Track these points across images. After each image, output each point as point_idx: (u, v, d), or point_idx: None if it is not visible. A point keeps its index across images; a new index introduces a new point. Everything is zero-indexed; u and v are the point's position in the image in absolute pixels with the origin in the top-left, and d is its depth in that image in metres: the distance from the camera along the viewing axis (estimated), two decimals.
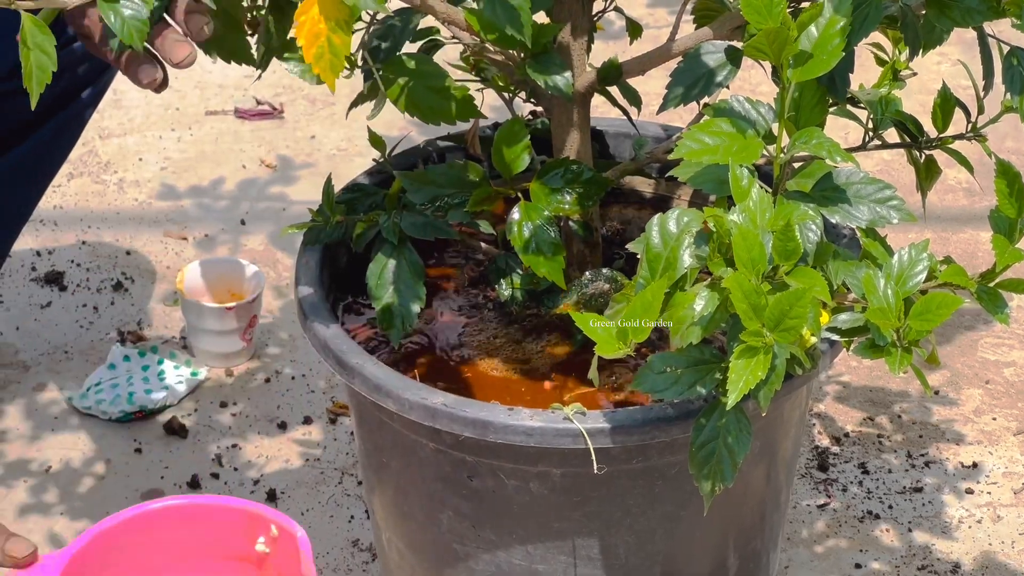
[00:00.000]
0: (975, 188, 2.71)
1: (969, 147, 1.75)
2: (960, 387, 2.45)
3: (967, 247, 2.57)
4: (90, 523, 2.19)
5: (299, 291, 1.81)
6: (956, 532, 2.21)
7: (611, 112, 1.97)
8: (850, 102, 1.70)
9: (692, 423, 1.52)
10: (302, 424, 2.38)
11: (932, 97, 1.78)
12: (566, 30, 1.70)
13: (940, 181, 1.83)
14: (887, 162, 2.52)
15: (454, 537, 1.84)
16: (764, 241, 1.38)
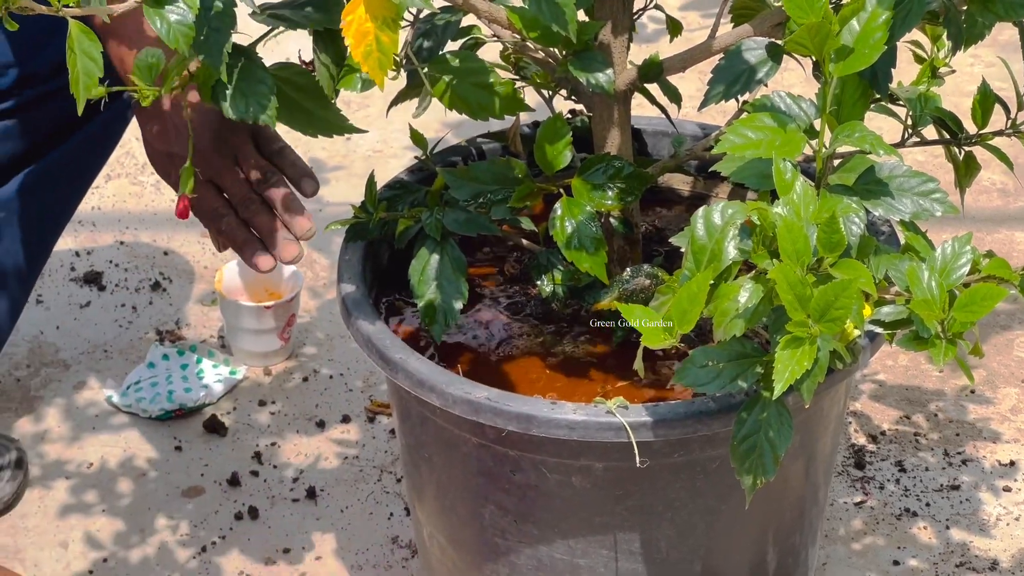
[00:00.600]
0: (1009, 189, 2.71)
1: (1007, 145, 1.73)
2: (997, 386, 2.44)
3: (1002, 247, 2.55)
4: (130, 522, 2.26)
5: (341, 288, 1.81)
6: (993, 530, 2.19)
7: (648, 111, 1.96)
8: (890, 99, 1.69)
9: (734, 417, 1.51)
10: (340, 423, 2.38)
11: (966, 99, 1.80)
12: (607, 28, 1.70)
13: (975, 182, 1.83)
14: (920, 163, 2.50)
15: (496, 532, 1.85)
16: (808, 233, 1.38)
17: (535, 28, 1.64)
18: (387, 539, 2.22)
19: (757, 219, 1.44)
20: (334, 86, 1.65)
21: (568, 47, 1.68)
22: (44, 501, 2.29)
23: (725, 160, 1.54)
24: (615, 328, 1.81)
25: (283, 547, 2.21)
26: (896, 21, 1.46)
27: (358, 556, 2.21)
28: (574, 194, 1.72)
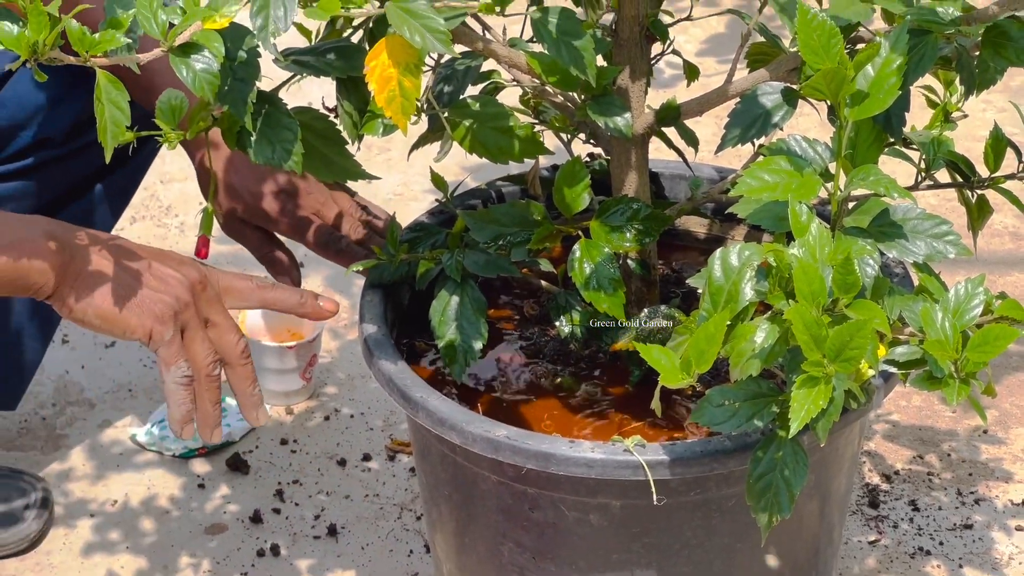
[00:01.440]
0: (1021, 232, 2.71)
1: (1019, 188, 1.73)
2: (1009, 426, 2.45)
3: (1015, 289, 2.55)
4: (153, 560, 2.27)
5: (364, 328, 1.82)
6: (1006, 569, 2.20)
7: (665, 155, 1.97)
8: (903, 143, 1.71)
9: (750, 455, 1.52)
10: (361, 460, 2.39)
11: (978, 143, 1.80)
12: (625, 73, 1.72)
13: (987, 225, 1.83)
14: (933, 206, 2.52)
15: (515, 569, 1.85)
16: (824, 275, 1.39)
17: (554, 73, 1.65)
18: (405, 572, 2.24)
19: (773, 261, 1.44)
20: (357, 132, 1.67)
21: (587, 91, 1.69)
22: (68, 539, 2.27)
23: (741, 203, 1.55)
24: (632, 368, 1.81)
25: None
26: (910, 66, 1.46)
27: None
28: (592, 236, 1.73)
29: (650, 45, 1.78)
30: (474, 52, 1.71)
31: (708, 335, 1.42)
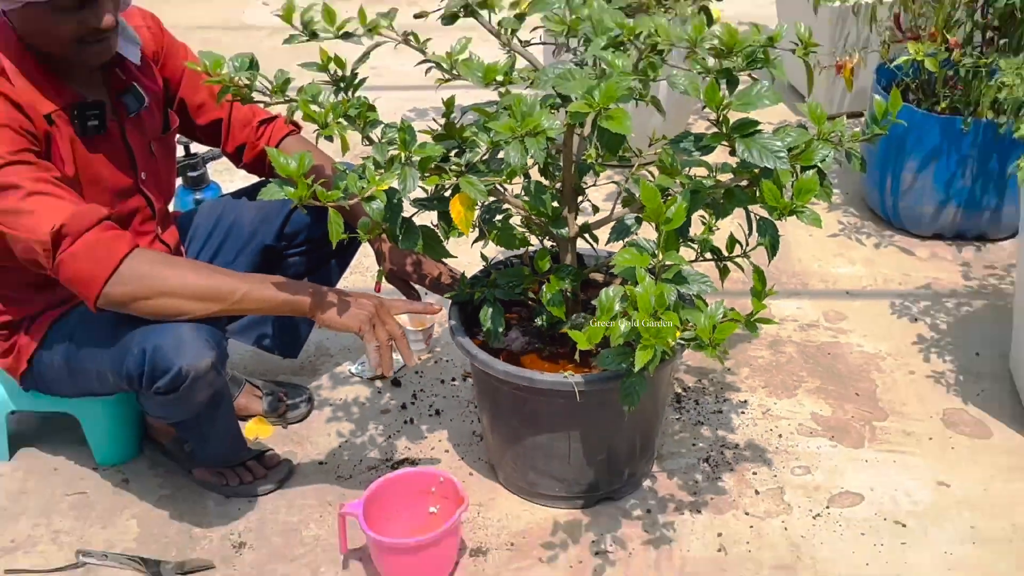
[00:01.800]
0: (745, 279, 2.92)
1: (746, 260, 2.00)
2: (740, 367, 2.68)
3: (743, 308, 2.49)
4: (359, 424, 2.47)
5: (450, 321, 2.16)
6: (737, 429, 2.46)
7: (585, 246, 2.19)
8: (689, 240, 2.03)
9: (621, 379, 1.88)
10: (451, 381, 2.64)
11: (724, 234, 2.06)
12: (566, 209, 2.04)
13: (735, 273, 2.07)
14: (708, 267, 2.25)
15: (515, 429, 2.17)
16: (651, 299, 1.72)
17: (534, 210, 2.00)
18: (470, 432, 2.47)
19: (629, 293, 1.75)
20: (447, 235, 1.99)
21: (548, 217, 2.03)
22: (319, 416, 2.52)
23: (616, 267, 1.83)
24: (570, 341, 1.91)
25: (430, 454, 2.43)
26: (690, 208, 1.79)
27: (457, 441, 2.44)
28: (551, 281, 2.04)
29: (576, 197, 2.06)
30: (499, 200, 2.03)
31: (598, 326, 1.76)
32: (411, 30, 1.96)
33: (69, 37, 1.83)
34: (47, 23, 1.81)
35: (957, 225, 3.13)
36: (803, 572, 2.10)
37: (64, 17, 1.81)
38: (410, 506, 2.15)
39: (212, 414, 2.13)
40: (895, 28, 3.15)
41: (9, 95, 1.84)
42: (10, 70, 1.86)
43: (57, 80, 1.92)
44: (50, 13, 1.79)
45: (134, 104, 2.04)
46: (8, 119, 1.82)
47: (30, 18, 1.82)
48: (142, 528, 2.22)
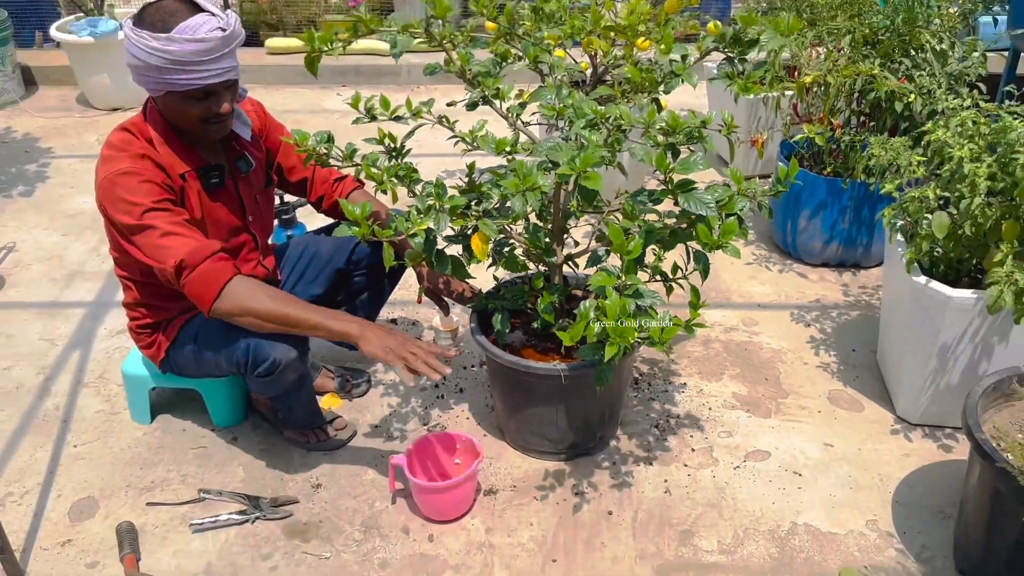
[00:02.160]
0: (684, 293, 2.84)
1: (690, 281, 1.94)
2: (681, 358, 2.62)
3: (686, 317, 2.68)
4: (400, 401, 2.41)
5: (470, 324, 2.17)
6: (680, 404, 2.42)
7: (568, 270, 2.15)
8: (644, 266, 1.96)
9: (595, 367, 1.91)
10: (471, 367, 2.59)
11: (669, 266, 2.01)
12: (556, 243, 2.05)
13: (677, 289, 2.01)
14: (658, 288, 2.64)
15: (516, 402, 2.17)
16: (617, 309, 1.73)
17: (532, 243, 2.01)
18: (485, 405, 2.42)
19: (601, 305, 1.76)
20: (469, 262, 1.96)
21: (542, 249, 2.04)
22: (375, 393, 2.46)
23: (592, 285, 1.81)
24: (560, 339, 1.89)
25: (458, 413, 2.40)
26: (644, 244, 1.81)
27: (475, 411, 2.40)
28: (544, 295, 2.05)
29: (563, 235, 2.07)
30: (507, 237, 2.05)
31: (579, 328, 1.75)
32: (444, 114, 1.99)
33: (197, 118, 1.85)
34: (181, 107, 1.82)
35: (839, 256, 3.12)
36: (727, 509, 2.10)
37: (193, 103, 1.82)
38: (441, 458, 2.14)
39: (298, 391, 2.12)
40: (794, 114, 3.16)
41: (155, 159, 1.86)
42: (157, 140, 1.88)
43: (190, 148, 1.94)
44: (183, 100, 1.80)
45: (244, 167, 2.04)
46: (153, 176, 1.83)
47: (170, 103, 1.83)
48: (246, 473, 2.22)
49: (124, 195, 1.79)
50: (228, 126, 1.91)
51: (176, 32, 1.72)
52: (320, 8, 5.47)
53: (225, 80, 1.80)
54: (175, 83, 1.76)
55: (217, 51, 1.75)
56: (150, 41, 1.72)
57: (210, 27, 1.74)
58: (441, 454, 2.15)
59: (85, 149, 4.22)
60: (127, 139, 1.86)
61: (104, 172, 1.82)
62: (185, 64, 1.73)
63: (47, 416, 2.42)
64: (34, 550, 1.98)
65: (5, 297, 3.00)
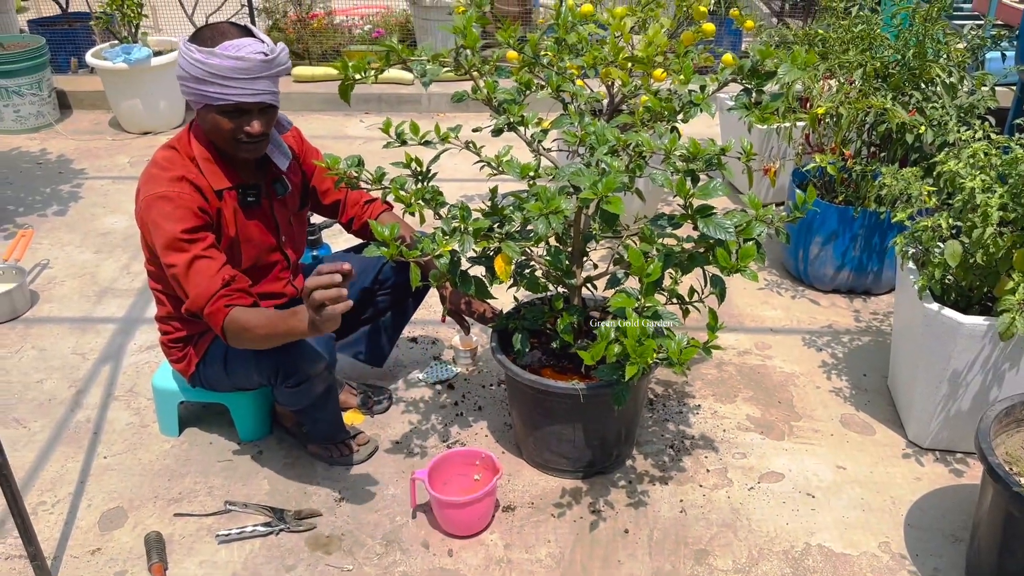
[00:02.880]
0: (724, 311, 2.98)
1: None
2: (695, 380, 2.61)
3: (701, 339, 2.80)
4: (425, 415, 2.41)
5: (491, 344, 2.18)
6: (693, 424, 2.41)
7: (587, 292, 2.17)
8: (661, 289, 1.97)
9: (612, 387, 1.91)
10: (491, 385, 2.59)
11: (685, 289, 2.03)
12: (575, 265, 2.07)
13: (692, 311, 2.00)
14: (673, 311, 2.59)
15: (535, 420, 2.16)
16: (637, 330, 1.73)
17: (553, 265, 2.01)
18: (503, 423, 2.42)
19: (621, 326, 1.76)
20: (491, 283, 1.97)
21: (562, 271, 2.05)
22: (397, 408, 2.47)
23: (612, 306, 1.80)
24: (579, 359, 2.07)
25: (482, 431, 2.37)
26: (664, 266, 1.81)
27: (493, 429, 2.39)
28: (563, 316, 2.05)
29: (582, 257, 2.08)
30: (528, 259, 2.06)
31: (599, 348, 1.76)
32: (470, 140, 2.00)
33: (228, 134, 1.87)
34: (216, 121, 1.86)
35: (850, 283, 3.11)
36: (741, 529, 2.09)
37: (226, 118, 1.85)
38: (461, 474, 2.14)
39: (324, 403, 2.13)
40: (806, 143, 3.17)
41: (194, 180, 1.88)
42: (200, 156, 1.92)
43: (229, 167, 1.97)
44: (218, 114, 1.84)
45: (281, 190, 2.07)
46: (190, 201, 1.86)
47: (206, 117, 1.87)
48: (271, 486, 2.23)
49: (158, 218, 1.83)
50: (260, 149, 1.93)
51: (220, 48, 1.77)
52: (344, 38, 5.55)
53: (259, 102, 1.83)
54: (210, 95, 1.80)
55: (255, 72, 1.79)
56: (195, 53, 1.78)
57: (253, 49, 1.79)
58: (461, 469, 2.14)
59: (117, 171, 4.28)
60: (170, 158, 1.90)
61: (145, 192, 1.86)
62: (222, 78, 1.77)
63: (78, 428, 2.44)
64: (65, 558, 1.99)
65: (39, 312, 3.03)
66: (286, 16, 5.45)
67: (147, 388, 2.59)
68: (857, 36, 2.93)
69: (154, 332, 2.87)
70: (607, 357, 1.77)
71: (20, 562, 1.98)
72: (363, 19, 5.85)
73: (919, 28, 2.73)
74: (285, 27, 5.43)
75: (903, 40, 2.80)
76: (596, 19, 2.07)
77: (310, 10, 5.50)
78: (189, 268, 1.83)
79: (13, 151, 4.50)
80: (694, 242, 1.90)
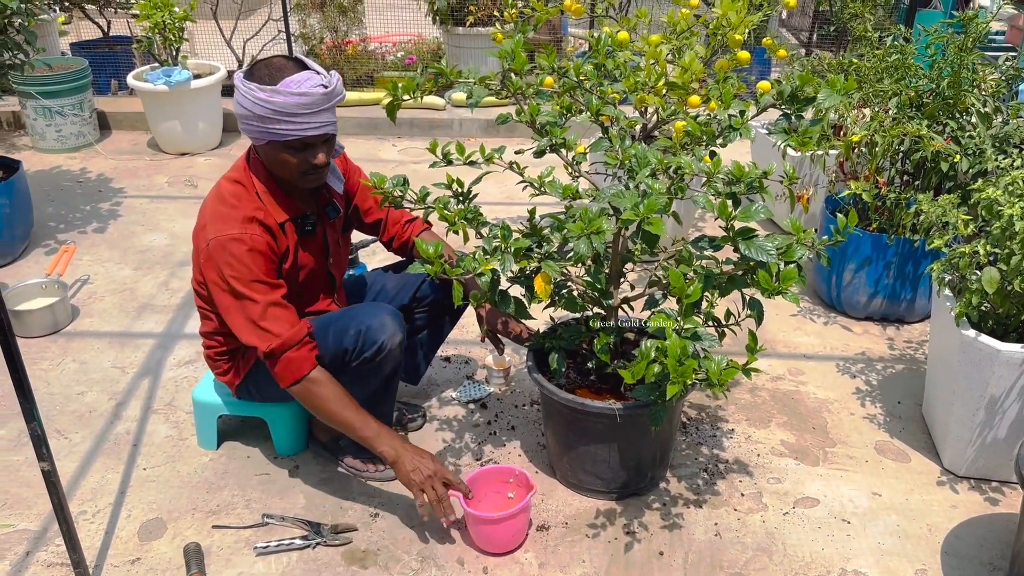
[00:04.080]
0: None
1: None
2: (728, 405, 2.62)
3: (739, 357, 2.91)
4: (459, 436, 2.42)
5: (528, 363, 2.18)
6: (728, 448, 2.41)
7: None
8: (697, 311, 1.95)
9: (648, 407, 1.93)
10: (523, 406, 2.59)
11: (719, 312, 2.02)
12: (612, 286, 2.07)
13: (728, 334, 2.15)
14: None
15: (570, 440, 2.16)
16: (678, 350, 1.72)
17: (591, 286, 2.02)
18: (536, 443, 2.42)
19: (661, 345, 1.75)
20: (531, 303, 1.97)
21: (600, 291, 2.05)
22: (429, 428, 2.48)
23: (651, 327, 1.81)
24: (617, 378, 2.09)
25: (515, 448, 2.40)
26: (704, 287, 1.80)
27: (527, 448, 2.39)
28: (600, 336, 2.05)
29: (619, 278, 2.09)
30: (566, 279, 2.05)
31: (640, 367, 1.77)
32: (514, 161, 2.03)
33: (295, 168, 1.90)
34: (281, 157, 1.88)
35: (883, 311, 3.10)
36: (776, 553, 2.08)
37: (292, 153, 1.88)
38: (495, 491, 2.15)
39: (383, 395, 2.12)
40: (839, 171, 3.18)
41: (264, 221, 1.91)
42: (262, 191, 1.95)
43: (289, 198, 2.00)
44: (283, 150, 1.87)
45: (333, 213, 2.11)
46: (261, 245, 1.89)
47: (270, 152, 1.89)
48: (307, 500, 2.24)
49: (231, 260, 1.85)
50: (323, 177, 1.96)
51: (282, 85, 1.78)
52: (378, 65, 5.64)
53: (323, 134, 1.86)
54: (277, 133, 1.82)
55: (318, 105, 1.81)
56: (258, 92, 1.78)
57: (314, 83, 1.81)
58: (496, 487, 2.15)
59: (155, 190, 4.35)
60: (238, 194, 1.91)
61: (215, 231, 1.87)
62: (288, 115, 1.79)
63: (118, 439, 2.48)
64: (105, 566, 2.02)
65: (80, 326, 3.08)
66: (322, 42, 5.55)
67: (185, 402, 2.62)
68: (891, 65, 2.94)
69: (192, 348, 2.92)
70: (646, 377, 1.78)
71: (62, 570, 2.01)
72: (395, 46, 5.95)
73: (954, 58, 2.74)
74: (321, 53, 5.53)
75: (937, 70, 2.81)
76: (631, 47, 2.10)
77: (346, 36, 5.60)
78: (266, 310, 1.86)
79: (54, 169, 4.59)
80: (733, 264, 1.90)
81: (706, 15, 2.12)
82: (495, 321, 2.25)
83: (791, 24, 7.25)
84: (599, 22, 2.19)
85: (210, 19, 5.48)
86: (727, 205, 1.77)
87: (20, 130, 5.17)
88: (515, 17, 2.13)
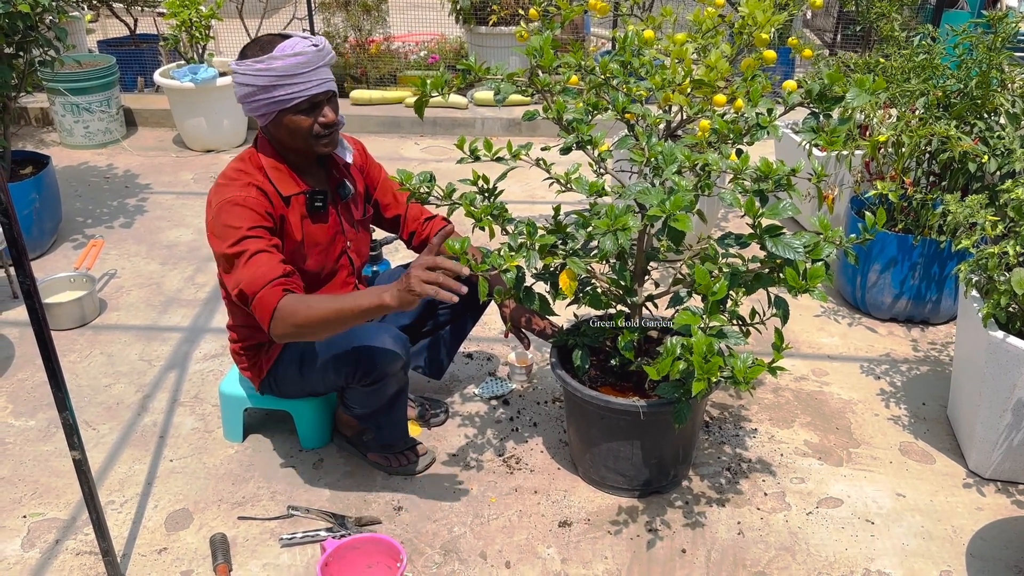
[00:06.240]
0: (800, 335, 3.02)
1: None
2: (751, 405, 2.59)
3: (765, 355, 2.92)
4: (481, 430, 2.42)
5: (551, 359, 2.18)
6: (751, 447, 2.41)
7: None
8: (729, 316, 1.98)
9: (672, 405, 1.94)
10: (547, 402, 2.60)
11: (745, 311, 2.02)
12: (636, 283, 2.08)
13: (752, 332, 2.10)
14: None
15: (592, 437, 2.16)
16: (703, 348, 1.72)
17: (615, 283, 2.03)
18: (558, 439, 2.43)
19: (687, 342, 1.76)
20: (554, 299, 1.98)
21: (625, 288, 2.07)
22: (452, 422, 2.49)
23: (677, 324, 1.80)
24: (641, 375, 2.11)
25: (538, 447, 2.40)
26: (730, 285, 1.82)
27: (549, 445, 2.40)
28: (624, 334, 2.06)
29: (644, 275, 2.10)
30: (590, 275, 2.04)
31: (665, 363, 1.77)
32: (541, 157, 2.05)
33: (307, 132, 1.92)
34: (293, 123, 1.90)
35: (908, 312, 3.09)
36: (800, 553, 2.07)
37: (302, 116, 1.90)
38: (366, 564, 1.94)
39: (393, 406, 2.15)
40: (865, 171, 3.17)
41: (261, 186, 1.94)
42: (268, 166, 1.98)
43: (297, 175, 2.02)
44: (293, 115, 1.89)
45: (345, 192, 2.12)
46: (256, 204, 1.91)
47: (281, 122, 1.91)
48: (332, 493, 2.25)
49: (228, 219, 1.86)
50: (335, 139, 1.97)
51: (276, 51, 1.84)
52: (400, 64, 5.66)
53: (326, 91, 1.89)
54: (283, 99, 1.86)
55: (314, 64, 1.86)
56: (255, 65, 1.84)
57: (304, 44, 1.87)
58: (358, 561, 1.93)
59: (181, 186, 4.39)
60: (239, 168, 1.96)
61: (216, 200, 1.91)
62: (289, 77, 1.83)
63: (145, 431, 2.50)
64: (133, 555, 2.04)
65: (107, 320, 3.11)
66: (346, 41, 5.59)
67: (211, 395, 2.65)
68: (918, 65, 2.93)
69: (218, 342, 2.94)
70: (671, 374, 1.78)
71: (90, 558, 2.03)
72: (418, 45, 5.97)
73: (982, 58, 2.72)
74: (345, 52, 5.56)
75: (965, 70, 2.79)
76: (657, 45, 2.10)
77: (369, 35, 5.63)
78: (250, 258, 1.84)
79: (82, 165, 4.64)
80: (759, 262, 1.90)
81: (731, 15, 2.12)
82: (519, 317, 2.26)
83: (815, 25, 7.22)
84: (623, 20, 2.17)
85: (235, 17, 5.53)
86: (754, 202, 1.76)
87: (48, 126, 5.22)
88: (540, 15, 2.14)
